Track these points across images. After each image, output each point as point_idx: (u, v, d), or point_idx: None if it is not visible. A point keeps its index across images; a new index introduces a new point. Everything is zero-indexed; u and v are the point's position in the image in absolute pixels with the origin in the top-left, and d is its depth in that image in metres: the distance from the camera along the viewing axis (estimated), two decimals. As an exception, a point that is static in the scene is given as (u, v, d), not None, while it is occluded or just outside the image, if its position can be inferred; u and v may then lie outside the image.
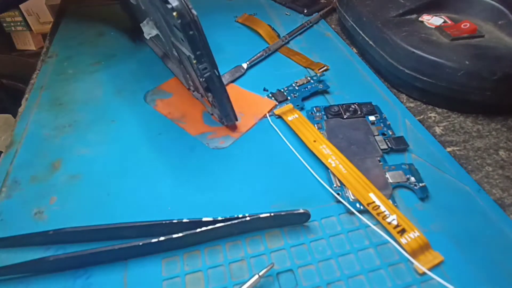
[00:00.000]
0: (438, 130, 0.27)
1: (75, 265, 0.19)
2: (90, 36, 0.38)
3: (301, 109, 0.28)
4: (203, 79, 0.22)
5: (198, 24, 0.20)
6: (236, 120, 0.26)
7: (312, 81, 0.31)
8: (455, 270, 0.18)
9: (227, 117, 0.25)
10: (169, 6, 0.19)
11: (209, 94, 0.24)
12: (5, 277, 0.18)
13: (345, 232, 0.20)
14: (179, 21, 0.20)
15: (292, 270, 0.19)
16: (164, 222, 0.19)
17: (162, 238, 0.18)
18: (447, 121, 0.28)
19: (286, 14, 0.43)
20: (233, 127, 0.27)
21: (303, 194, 0.22)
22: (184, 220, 0.19)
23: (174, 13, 0.19)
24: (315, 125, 0.26)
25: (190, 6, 0.20)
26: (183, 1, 0.19)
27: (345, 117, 0.27)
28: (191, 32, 0.20)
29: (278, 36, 0.38)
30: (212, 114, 0.27)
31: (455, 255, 0.19)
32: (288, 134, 0.26)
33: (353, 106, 0.28)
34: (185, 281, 0.18)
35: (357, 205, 0.21)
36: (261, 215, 0.19)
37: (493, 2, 0.31)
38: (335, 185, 0.22)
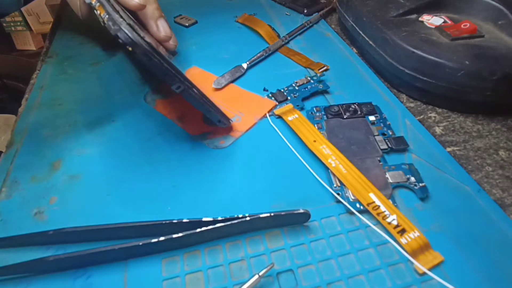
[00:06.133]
0: (438, 130, 0.27)
1: (75, 265, 0.19)
2: (90, 36, 0.38)
3: (301, 109, 0.28)
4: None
5: (153, 52, 0.20)
6: (229, 122, 0.26)
7: (312, 81, 0.31)
8: (455, 270, 0.18)
9: (219, 122, 0.25)
10: (120, 41, 0.20)
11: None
12: (5, 277, 0.18)
13: (345, 232, 0.20)
14: (135, 52, 0.20)
15: (292, 270, 0.19)
16: (164, 222, 0.19)
17: (162, 238, 0.18)
18: (447, 121, 0.28)
19: (286, 14, 0.43)
20: (230, 128, 0.27)
21: (303, 194, 0.22)
22: (184, 220, 0.19)
23: (128, 48, 0.20)
24: (315, 125, 0.26)
25: (138, 37, 0.20)
26: (129, 35, 0.20)
27: (345, 117, 0.27)
28: (149, 60, 0.21)
29: (278, 36, 0.38)
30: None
31: (455, 255, 0.19)
32: (288, 134, 0.26)
33: (353, 106, 0.28)
34: (185, 281, 0.18)
35: (357, 205, 0.21)
36: (261, 215, 0.19)
37: (493, 2, 0.31)
38: (335, 185, 0.22)
